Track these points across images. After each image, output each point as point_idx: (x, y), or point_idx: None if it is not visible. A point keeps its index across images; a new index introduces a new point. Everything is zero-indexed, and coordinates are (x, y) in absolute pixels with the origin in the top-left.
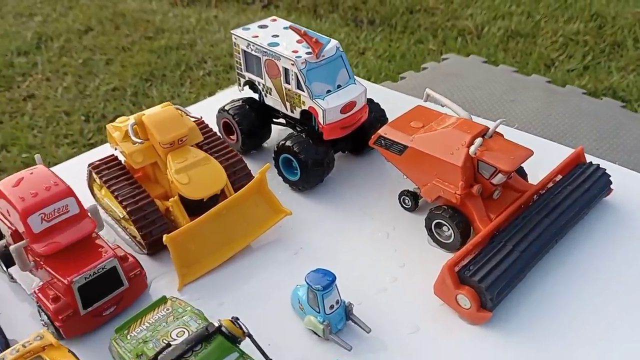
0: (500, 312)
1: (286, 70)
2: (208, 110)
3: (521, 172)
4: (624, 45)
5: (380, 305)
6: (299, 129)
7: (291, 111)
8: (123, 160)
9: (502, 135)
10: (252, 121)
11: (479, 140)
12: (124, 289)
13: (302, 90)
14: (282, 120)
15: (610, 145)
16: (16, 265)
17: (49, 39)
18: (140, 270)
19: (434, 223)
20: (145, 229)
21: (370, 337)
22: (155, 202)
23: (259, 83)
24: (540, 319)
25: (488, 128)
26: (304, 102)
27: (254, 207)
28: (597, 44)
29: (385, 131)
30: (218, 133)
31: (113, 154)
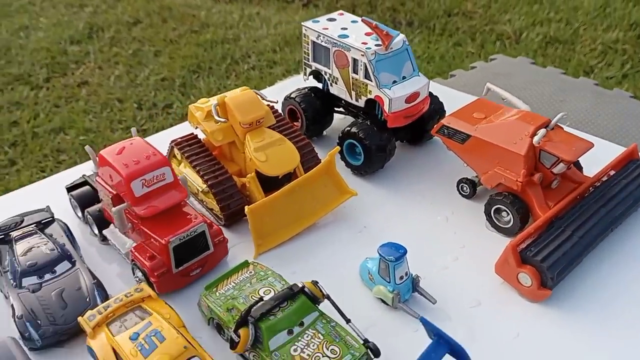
0: (558, 292)
1: (355, 61)
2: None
3: (577, 165)
4: None
5: (444, 281)
6: (361, 117)
7: (356, 100)
8: (202, 138)
9: (562, 128)
10: (317, 108)
11: (543, 131)
12: (209, 253)
13: (370, 79)
14: (343, 110)
15: None
16: (109, 228)
17: (100, 30)
18: (223, 237)
19: (493, 208)
20: (223, 201)
21: (435, 308)
22: (233, 178)
23: (325, 73)
24: (595, 300)
25: (550, 120)
26: (370, 91)
27: (322, 187)
28: (636, 53)
29: (449, 121)
30: None
31: (192, 133)
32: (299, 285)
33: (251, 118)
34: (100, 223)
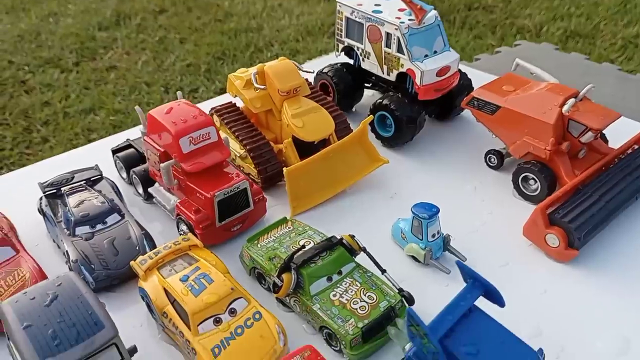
0: (584, 253)
1: (388, 35)
2: None
3: (603, 138)
4: None
5: (473, 244)
6: (392, 91)
7: (387, 74)
8: (240, 107)
9: (590, 100)
10: (348, 83)
11: (572, 100)
12: (249, 210)
13: (402, 53)
14: (373, 85)
15: None
16: (154, 186)
17: (127, 17)
18: (262, 196)
19: (521, 177)
20: (261, 165)
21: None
22: (270, 144)
23: (357, 48)
24: (620, 262)
25: (579, 92)
26: (402, 65)
27: (355, 154)
28: None
29: (479, 93)
30: None
31: (231, 101)
32: (338, 237)
33: (289, 86)
34: (145, 182)
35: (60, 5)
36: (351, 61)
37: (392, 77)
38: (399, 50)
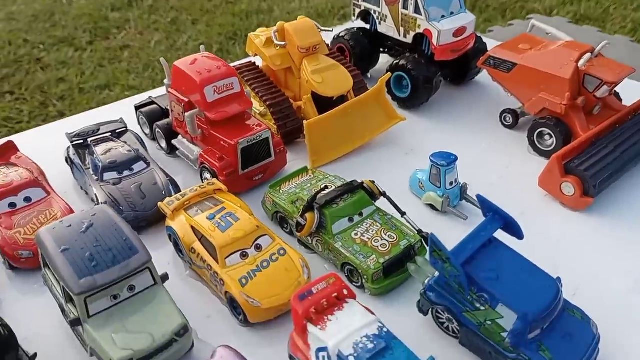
0: (599, 202)
1: None
2: None
3: (617, 97)
4: None
5: (490, 195)
6: (408, 53)
7: (404, 36)
8: (259, 65)
9: (605, 56)
10: (365, 46)
11: (588, 55)
12: (270, 160)
13: (420, 14)
14: (389, 50)
15: None
16: (177, 138)
17: None
18: (283, 147)
19: (536, 132)
20: (281, 120)
21: (481, 216)
22: (289, 100)
23: (374, 11)
24: (634, 211)
25: (594, 48)
26: (419, 26)
27: (372, 111)
28: None
29: (495, 52)
30: None
31: (251, 60)
32: (359, 181)
33: (309, 43)
34: (169, 135)
35: None
36: (368, 26)
37: (409, 39)
38: (416, 11)
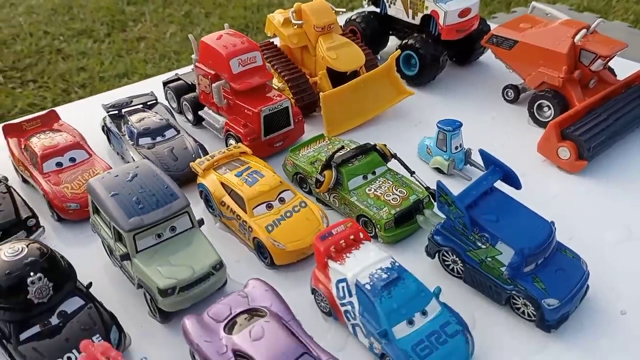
0: (593, 166)
1: None
2: None
3: (612, 72)
4: None
5: None
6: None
7: (412, 17)
8: (277, 45)
9: (599, 33)
10: (375, 28)
11: (584, 31)
12: (290, 129)
13: None
14: (397, 32)
15: None
16: (203, 110)
17: None
18: (301, 117)
19: (536, 104)
20: (298, 94)
21: None
22: (306, 76)
23: None
24: (626, 174)
25: (590, 25)
26: (426, 7)
27: (383, 86)
28: None
29: (498, 31)
30: None
31: (269, 40)
32: (372, 143)
33: (324, 22)
34: (195, 107)
35: None
36: (378, 10)
37: (417, 21)
38: None
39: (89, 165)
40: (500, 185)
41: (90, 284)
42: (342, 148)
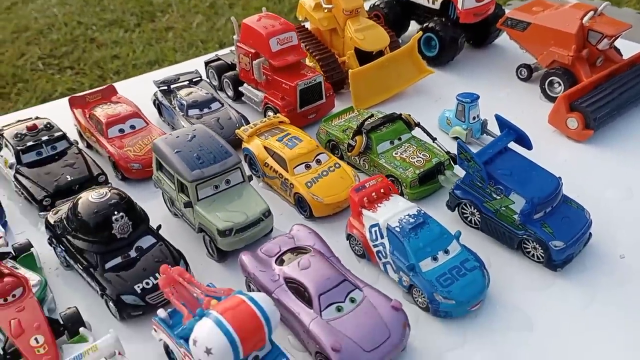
0: (600, 136)
1: None
2: None
3: (618, 52)
4: None
5: None
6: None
7: (432, 3)
8: (308, 28)
9: (606, 15)
10: (397, 13)
11: (591, 13)
12: (322, 102)
13: None
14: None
15: None
16: (243, 86)
17: None
18: (332, 92)
19: (547, 81)
20: (328, 72)
21: None
22: (335, 55)
23: None
24: (631, 144)
25: (597, 8)
26: None
27: (405, 65)
28: None
29: (512, 14)
30: None
31: (300, 24)
32: (397, 113)
33: (352, 6)
34: (235, 84)
35: None
36: None
37: (437, 6)
38: None
39: (147, 132)
40: (514, 147)
41: (160, 226)
42: (372, 117)
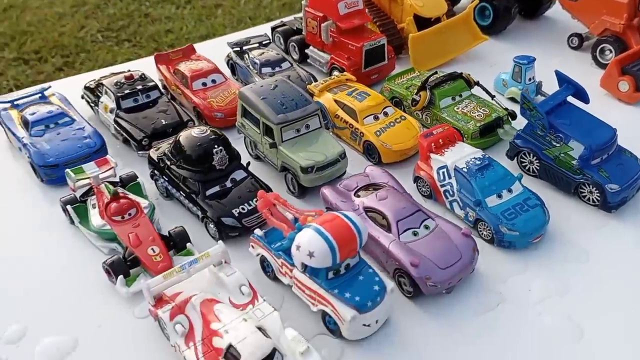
0: None
1: None
2: None
3: None
4: None
5: None
6: None
7: None
8: None
9: None
10: None
11: None
12: (384, 64)
13: None
14: None
15: None
16: (309, 49)
17: None
18: (394, 54)
19: (599, 48)
20: (388, 37)
21: None
22: (394, 21)
23: None
24: None
25: None
26: None
27: (462, 32)
28: None
29: None
30: None
31: None
32: (458, 72)
33: None
34: (301, 46)
35: None
36: None
37: None
38: None
39: (227, 86)
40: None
41: (249, 163)
42: (435, 74)
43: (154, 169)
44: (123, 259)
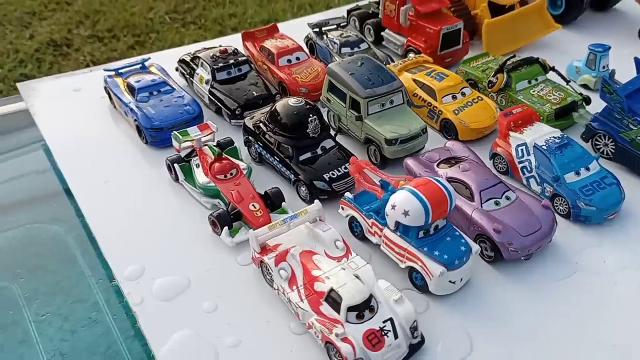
0: None
1: None
2: None
3: None
4: None
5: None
6: None
7: None
8: None
9: None
10: None
11: None
12: (458, 48)
13: None
14: None
15: None
16: (384, 31)
17: None
18: (468, 39)
19: None
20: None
21: None
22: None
23: None
24: None
25: None
26: None
27: (534, 20)
28: None
29: None
30: None
31: None
32: (535, 57)
33: None
34: (377, 29)
35: None
36: None
37: None
38: None
39: (310, 64)
40: None
41: (337, 133)
42: (513, 57)
43: (248, 135)
44: (227, 213)
